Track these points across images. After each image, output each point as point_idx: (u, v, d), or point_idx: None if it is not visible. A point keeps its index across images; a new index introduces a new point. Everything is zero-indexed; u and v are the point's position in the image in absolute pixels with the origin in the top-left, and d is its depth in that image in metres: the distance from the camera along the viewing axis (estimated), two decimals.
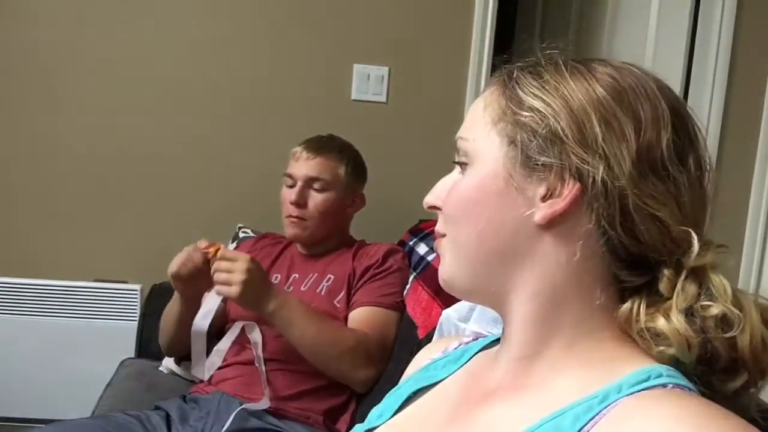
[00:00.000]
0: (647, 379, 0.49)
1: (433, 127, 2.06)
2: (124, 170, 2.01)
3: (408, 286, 1.56)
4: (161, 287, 1.90)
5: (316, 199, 1.57)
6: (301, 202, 1.56)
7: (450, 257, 0.59)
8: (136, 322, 1.90)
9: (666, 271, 0.52)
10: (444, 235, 0.60)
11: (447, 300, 1.25)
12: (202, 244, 1.40)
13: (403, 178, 1.98)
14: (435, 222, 0.62)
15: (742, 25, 2.01)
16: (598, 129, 0.52)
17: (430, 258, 1.55)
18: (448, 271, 0.60)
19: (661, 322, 0.50)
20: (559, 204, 0.53)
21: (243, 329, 1.51)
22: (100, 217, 2.02)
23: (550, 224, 0.53)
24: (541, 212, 0.53)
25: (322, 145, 1.61)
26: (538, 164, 0.53)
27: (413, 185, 2.01)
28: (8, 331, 1.94)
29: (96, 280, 2.00)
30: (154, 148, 2.02)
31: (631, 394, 0.48)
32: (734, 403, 0.50)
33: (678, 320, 0.50)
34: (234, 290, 1.30)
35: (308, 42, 2.03)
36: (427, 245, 1.62)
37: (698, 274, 0.51)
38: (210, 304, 1.51)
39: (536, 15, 2.96)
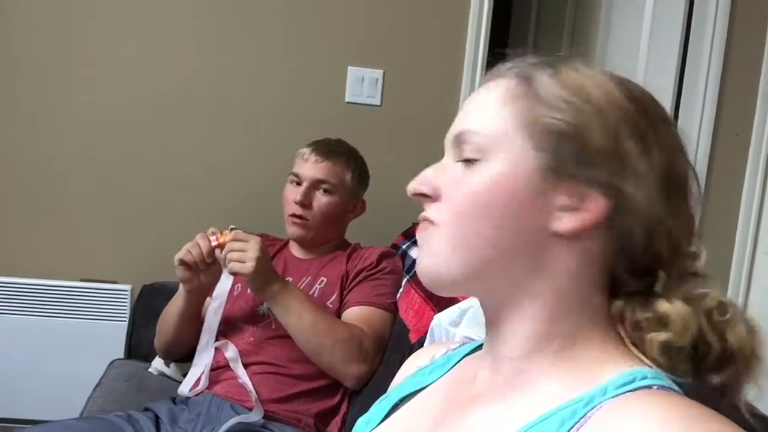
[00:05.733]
0: (632, 381, 0.49)
1: (426, 130, 2.06)
2: (114, 169, 2.00)
3: (401, 290, 1.56)
4: (152, 288, 1.90)
5: (320, 201, 1.58)
6: (306, 203, 1.57)
7: (442, 247, 0.56)
8: (126, 323, 1.89)
9: (662, 274, 0.53)
10: (433, 223, 0.57)
11: (439, 304, 1.25)
12: (210, 232, 1.42)
13: (396, 181, 1.96)
14: None
15: (735, 25, 2.02)
16: (629, 144, 0.52)
17: None
18: (436, 261, 0.57)
19: (664, 306, 0.52)
20: (586, 217, 0.52)
21: (219, 350, 1.50)
22: (91, 216, 2.00)
23: (569, 235, 0.53)
24: (566, 223, 0.53)
25: (331, 149, 1.62)
26: (566, 173, 0.53)
27: (407, 188, 2.02)
28: None
29: (84, 280, 1.99)
30: (144, 148, 2.01)
31: (616, 396, 0.48)
32: (723, 398, 0.51)
33: (679, 304, 0.51)
34: (248, 266, 1.34)
35: (303, 45, 2.03)
36: None
37: (694, 274, 0.54)
38: (220, 296, 1.49)
39: (531, 17, 2.97)
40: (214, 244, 1.40)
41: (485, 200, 0.54)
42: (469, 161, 0.56)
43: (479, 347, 0.65)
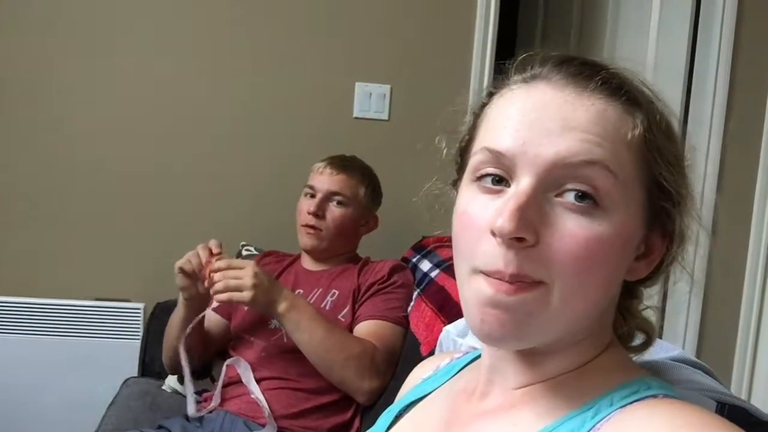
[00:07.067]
0: (637, 391, 0.49)
1: (434, 144, 2.07)
2: (126, 188, 2.02)
3: (412, 303, 1.56)
4: (164, 306, 1.90)
5: (334, 212, 1.61)
6: (319, 214, 1.60)
7: (552, 315, 0.48)
8: (139, 341, 1.90)
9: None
10: (539, 282, 0.47)
11: (450, 316, 1.25)
12: (213, 244, 1.43)
13: (405, 195, 1.97)
14: (438, 239, 0.60)
15: (742, 25, 2.02)
16: (689, 189, 0.53)
17: (433, 274, 1.54)
18: (543, 337, 0.50)
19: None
20: (653, 261, 0.53)
21: (231, 367, 1.50)
22: (103, 235, 2.02)
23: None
24: (640, 273, 0.53)
25: (346, 164, 1.66)
26: (659, 226, 0.51)
27: (415, 202, 2.02)
28: (10, 351, 1.94)
29: (97, 299, 2.00)
30: (156, 166, 2.03)
31: (624, 406, 0.48)
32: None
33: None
34: (246, 294, 1.34)
35: (311, 61, 2.05)
36: (431, 261, 1.62)
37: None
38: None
39: (537, 31, 2.98)
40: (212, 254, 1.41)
41: (601, 256, 0.47)
42: (587, 204, 0.48)
43: (479, 356, 0.64)
